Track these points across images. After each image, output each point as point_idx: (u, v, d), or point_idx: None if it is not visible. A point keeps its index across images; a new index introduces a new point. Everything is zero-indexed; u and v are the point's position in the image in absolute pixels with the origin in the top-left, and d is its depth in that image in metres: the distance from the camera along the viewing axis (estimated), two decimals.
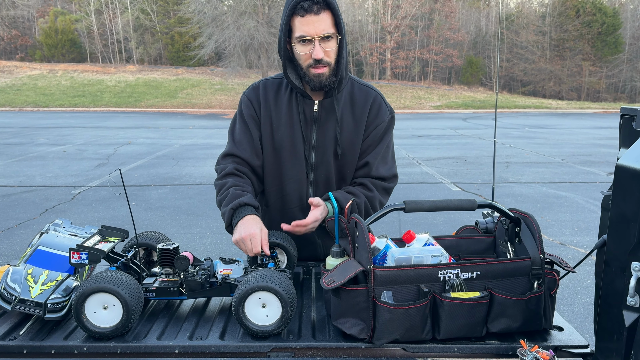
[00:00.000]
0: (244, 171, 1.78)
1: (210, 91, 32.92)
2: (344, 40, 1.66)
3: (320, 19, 1.60)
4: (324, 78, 1.68)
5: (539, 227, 1.32)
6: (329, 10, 1.62)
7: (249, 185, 1.75)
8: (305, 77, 1.69)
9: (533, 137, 15.37)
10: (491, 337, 1.29)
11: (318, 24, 1.61)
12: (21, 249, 5.01)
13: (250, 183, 1.77)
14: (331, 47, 1.65)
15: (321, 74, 1.67)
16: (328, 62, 1.66)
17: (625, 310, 1.05)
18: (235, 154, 1.79)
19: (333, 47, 1.65)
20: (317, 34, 1.61)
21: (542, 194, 7.59)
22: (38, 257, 1.45)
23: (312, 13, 1.60)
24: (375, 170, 1.79)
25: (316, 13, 1.60)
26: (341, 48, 1.67)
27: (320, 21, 1.61)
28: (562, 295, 3.96)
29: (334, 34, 1.64)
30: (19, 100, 29.34)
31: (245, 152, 1.79)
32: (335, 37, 1.65)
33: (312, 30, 1.61)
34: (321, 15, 1.60)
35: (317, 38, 1.62)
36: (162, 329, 1.33)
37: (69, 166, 9.88)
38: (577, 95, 39.47)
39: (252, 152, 1.80)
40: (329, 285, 1.24)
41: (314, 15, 1.60)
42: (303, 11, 1.60)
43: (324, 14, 1.61)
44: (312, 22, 1.60)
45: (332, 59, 1.67)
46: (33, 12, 43.97)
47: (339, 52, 1.68)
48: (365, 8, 45.52)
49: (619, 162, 1.06)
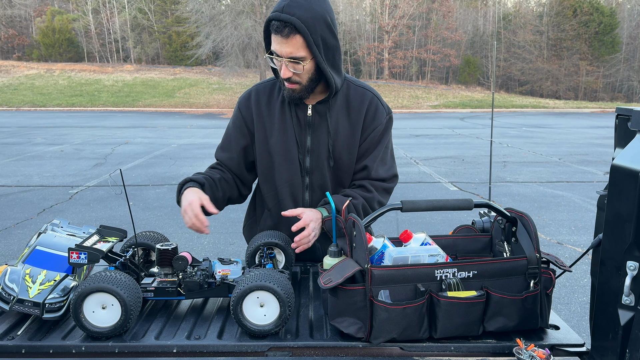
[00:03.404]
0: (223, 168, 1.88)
1: (208, 91, 32.88)
2: (322, 61, 1.61)
3: (288, 43, 1.57)
4: (295, 94, 1.68)
5: (535, 227, 1.32)
6: (299, 34, 1.56)
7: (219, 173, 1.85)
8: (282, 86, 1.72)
9: (530, 137, 15.40)
10: (488, 336, 1.30)
11: (286, 46, 1.57)
12: (19, 248, 5.00)
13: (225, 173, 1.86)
14: (300, 70, 1.62)
15: (292, 89, 1.67)
16: (297, 81, 1.65)
17: (620, 309, 1.06)
18: (217, 158, 1.91)
19: (303, 70, 1.62)
20: (284, 55, 1.59)
21: (540, 193, 7.61)
22: (36, 257, 1.45)
23: (281, 35, 1.56)
24: (374, 172, 1.79)
25: (285, 36, 1.56)
26: (321, 66, 1.63)
27: (288, 44, 1.57)
28: (559, 294, 3.98)
29: (304, 57, 1.60)
30: (16, 99, 29.26)
31: (224, 159, 1.88)
32: (308, 59, 1.61)
33: (280, 51, 1.59)
34: (289, 39, 1.56)
35: (285, 59, 1.60)
36: (160, 329, 1.34)
37: (67, 166, 9.86)
38: (575, 94, 39.54)
39: (230, 160, 1.87)
40: (327, 285, 1.24)
41: (283, 37, 1.57)
42: (274, 30, 1.57)
43: (293, 38, 1.56)
44: (281, 43, 1.58)
45: (303, 79, 1.65)
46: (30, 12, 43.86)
47: (318, 69, 1.65)
48: (362, 7, 45.52)
49: (614, 162, 1.07)
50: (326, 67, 1.64)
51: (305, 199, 1.84)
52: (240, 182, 1.91)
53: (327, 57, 1.64)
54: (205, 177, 1.78)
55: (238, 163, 1.87)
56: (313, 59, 1.62)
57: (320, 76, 1.68)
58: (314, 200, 1.83)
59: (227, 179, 1.85)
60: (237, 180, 1.90)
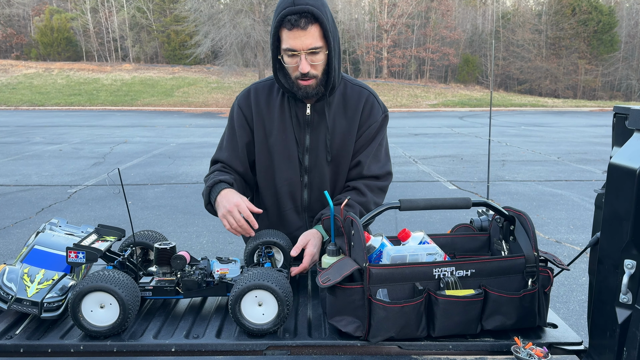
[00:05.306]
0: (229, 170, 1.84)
1: (207, 90, 32.85)
2: (332, 51, 1.62)
3: (307, 33, 1.57)
4: (310, 89, 1.68)
5: (533, 225, 1.33)
6: (317, 23, 1.57)
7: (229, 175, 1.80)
8: (293, 86, 1.69)
9: (529, 135, 15.41)
10: (486, 335, 1.30)
11: (305, 38, 1.57)
12: (17, 248, 4.99)
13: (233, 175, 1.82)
14: (318, 61, 1.62)
15: (308, 86, 1.66)
16: (315, 75, 1.65)
17: (618, 307, 1.07)
18: (220, 159, 1.86)
19: (320, 60, 1.62)
20: (303, 48, 1.58)
21: (538, 192, 7.62)
22: (34, 256, 1.45)
23: (298, 28, 1.56)
24: (367, 169, 1.79)
25: (303, 28, 1.56)
26: (331, 59, 1.64)
27: (307, 35, 1.57)
28: (558, 292, 3.98)
29: (321, 47, 1.60)
30: (14, 99, 29.21)
31: (229, 159, 1.84)
32: (324, 49, 1.62)
33: (299, 45, 1.58)
34: (308, 29, 1.56)
35: (304, 52, 1.59)
36: (158, 328, 1.34)
37: (65, 165, 9.86)
38: (573, 93, 39.55)
39: (236, 159, 1.84)
40: (325, 284, 1.24)
41: (301, 30, 1.56)
42: (290, 25, 1.56)
43: (311, 27, 1.57)
44: (299, 36, 1.57)
45: (319, 71, 1.65)
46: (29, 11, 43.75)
47: (328, 62, 1.65)
48: (361, 6, 45.49)
49: (612, 161, 1.07)
50: (334, 59, 1.64)
51: (304, 198, 1.84)
52: (245, 181, 1.90)
53: (335, 48, 1.65)
54: (231, 177, 1.76)
55: (243, 161, 1.85)
56: (327, 49, 1.62)
57: (328, 69, 1.67)
58: (312, 199, 1.83)
59: (236, 179, 1.84)
60: (242, 180, 1.88)
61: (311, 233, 1.66)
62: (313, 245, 1.62)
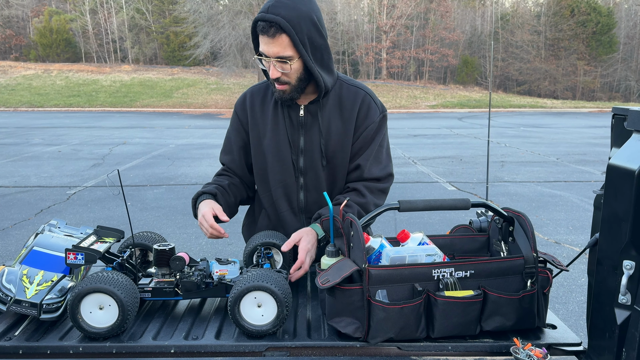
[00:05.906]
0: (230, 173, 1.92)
1: (206, 91, 32.86)
2: (309, 60, 1.61)
3: (275, 42, 1.57)
4: (284, 95, 1.68)
5: (532, 226, 1.33)
6: (285, 33, 1.56)
7: (227, 179, 1.88)
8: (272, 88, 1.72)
9: (528, 136, 15.42)
10: (485, 336, 1.30)
11: (273, 46, 1.58)
12: (16, 249, 4.99)
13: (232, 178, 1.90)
14: (289, 70, 1.61)
15: (282, 91, 1.68)
16: (287, 81, 1.65)
17: (617, 308, 1.07)
18: (222, 162, 1.95)
19: (292, 69, 1.62)
20: (271, 55, 1.59)
21: (537, 192, 7.63)
22: (33, 257, 1.45)
23: (267, 35, 1.57)
24: (368, 172, 1.77)
25: (271, 36, 1.56)
26: (310, 66, 1.62)
27: (274, 44, 1.57)
28: (557, 293, 3.98)
29: (291, 56, 1.60)
30: (13, 100, 29.19)
31: (229, 163, 1.92)
32: (295, 58, 1.61)
33: (268, 51, 1.59)
34: (276, 38, 1.56)
35: (273, 59, 1.60)
36: (157, 329, 1.34)
37: (64, 166, 9.85)
38: (572, 94, 39.61)
39: (233, 162, 1.91)
40: (324, 285, 1.24)
41: (269, 37, 1.57)
42: (260, 31, 1.58)
43: (280, 37, 1.56)
44: (268, 43, 1.58)
45: (292, 79, 1.65)
46: (27, 12, 43.76)
47: (307, 69, 1.64)
48: (360, 7, 45.53)
49: (611, 162, 1.07)
50: (314, 66, 1.63)
51: (300, 199, 1.84)
52: (245, 183, 1.94)
53: (314, 56, 1.64)
54: (215, 187, 1.81)
55: (240, 164, 1.90)
56: (300, 58, 1.62)
57: (309, 76, 1.67)
58: (309, 200, 1.83)
59: (235, 182, 1.89)
60: (242, 182, 1.93)
61: (304, 230, 1.66)
62: (307, 241, 1.61)
